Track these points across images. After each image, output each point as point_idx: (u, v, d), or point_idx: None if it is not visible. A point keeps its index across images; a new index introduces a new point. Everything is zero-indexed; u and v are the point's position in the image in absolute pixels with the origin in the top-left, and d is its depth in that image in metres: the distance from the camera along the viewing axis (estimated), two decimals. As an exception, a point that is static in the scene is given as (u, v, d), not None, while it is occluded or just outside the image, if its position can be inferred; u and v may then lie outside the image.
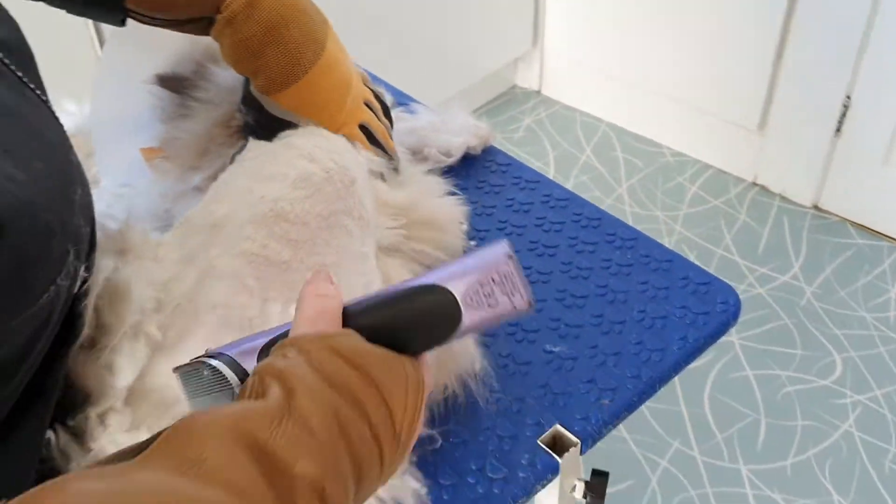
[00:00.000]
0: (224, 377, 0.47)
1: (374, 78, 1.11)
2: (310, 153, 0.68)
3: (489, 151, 1.01)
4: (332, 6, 2.12)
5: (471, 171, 0.98)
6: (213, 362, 0.47)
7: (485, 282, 0.46)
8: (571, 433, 0.72)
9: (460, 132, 0.98)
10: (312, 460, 0.38)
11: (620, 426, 1.63)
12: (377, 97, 0.80)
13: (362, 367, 0.42)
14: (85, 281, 0.55)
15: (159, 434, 0.38)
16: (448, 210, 0.81)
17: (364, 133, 0.76)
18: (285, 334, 0.48)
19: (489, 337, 0.79)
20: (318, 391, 0.40)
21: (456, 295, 0.45)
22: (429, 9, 2.09)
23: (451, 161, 0.97)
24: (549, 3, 2.34)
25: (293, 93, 0.73)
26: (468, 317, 0.46)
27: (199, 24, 0.74)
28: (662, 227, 2.06)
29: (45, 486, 0.35)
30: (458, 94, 2.33)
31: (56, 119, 0.53)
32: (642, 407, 1.71)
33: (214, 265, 0.64)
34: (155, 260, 0.64)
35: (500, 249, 0.47)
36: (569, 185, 2.17)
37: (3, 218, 0.40)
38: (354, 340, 0.44)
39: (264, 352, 0.48)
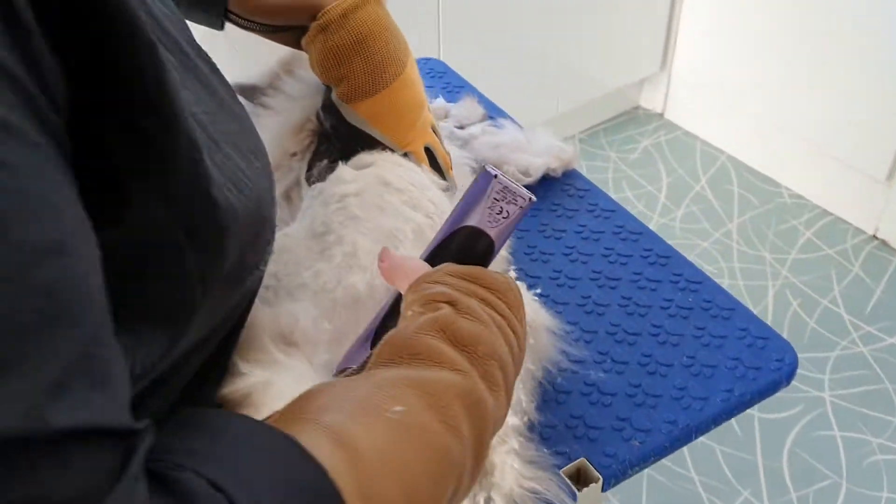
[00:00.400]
0: None
1: (470, 88, 1.13)
2: (409, 198, 0.72)
3: (570, 175, 1.01)
4: (471, 17, 2.12)
5: (548, 192, 0.99)
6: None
7: (491, 204, 0.58)
8: (596, 468, 0.72)
9: (542, 153, 0.98)
10: (486, 343, 0.51)
11: (689, 464, 1.60)
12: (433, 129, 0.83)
13: (478, 279, 0.55)
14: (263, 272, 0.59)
15: (367, 360, 0.51)
16: None
17: (428, 156, 0.78)
18: (387, 317, 0.60)
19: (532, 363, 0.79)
20: (464, 298, 0.53)
21: (478, 226, 0.58)
22: (561, 21, 2.09)
23: (528, 181, 0.97)
24: (683, 26, 2.30)
25: (372, 103, 0.76)
26: (494, 234, 0.59)
27: (291, 33, 0.78)
28: (768, 269, 1.99)
29: (310, 389, 0.46)
30: (580, 107, 2.32)
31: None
32: (716, 449, 1.66)
33: None
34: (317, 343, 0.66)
35: (487, 176, 0.58)
36: (678, 214, 2.13)
37: (241, 210, 0.46)
38: (455, 266, 0.56)
39: (378, 336, 0.57)
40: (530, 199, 0.58)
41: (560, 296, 0.86)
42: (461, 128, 1.06)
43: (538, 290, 0.86)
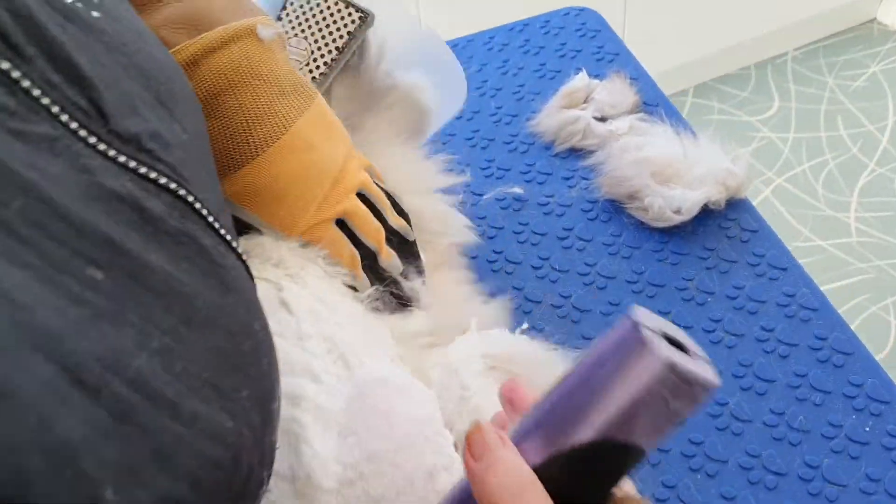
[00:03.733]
0: None
1: (627, 57, 0.88)
2: (314, 320, 0.54)
3: (736, 207, 0.77)
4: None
5: (700, 227, 0.76)
6: None
7: (657, 408, 0.35)
8: None
9: (703, 180, 0.74)
10: None
11: None
12: (388, 195, 0.62)
13: None
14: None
15: None
16: None
17: (344, 230, 0.59)
18: None
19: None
20: None
21: (638, 443, 0.35)
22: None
23: (679, 220, 0.75)
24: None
25: (239, 178, 0.56)
26: (650, 447, 0.36)
27: None
28: None
29: None
30: (806, 19, 1.96)
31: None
32: None
33: None
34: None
35: (652, 358, 0.34)
36: (896, 168, 1.77)
37: (218, 461, 0.35)
38: None
39: None
40: (714, 385, 0.35)
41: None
42: (602, 119, 0.83)
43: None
